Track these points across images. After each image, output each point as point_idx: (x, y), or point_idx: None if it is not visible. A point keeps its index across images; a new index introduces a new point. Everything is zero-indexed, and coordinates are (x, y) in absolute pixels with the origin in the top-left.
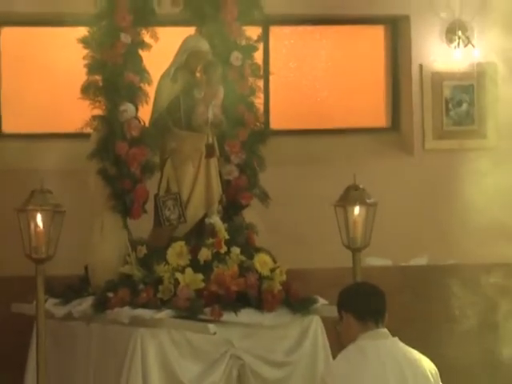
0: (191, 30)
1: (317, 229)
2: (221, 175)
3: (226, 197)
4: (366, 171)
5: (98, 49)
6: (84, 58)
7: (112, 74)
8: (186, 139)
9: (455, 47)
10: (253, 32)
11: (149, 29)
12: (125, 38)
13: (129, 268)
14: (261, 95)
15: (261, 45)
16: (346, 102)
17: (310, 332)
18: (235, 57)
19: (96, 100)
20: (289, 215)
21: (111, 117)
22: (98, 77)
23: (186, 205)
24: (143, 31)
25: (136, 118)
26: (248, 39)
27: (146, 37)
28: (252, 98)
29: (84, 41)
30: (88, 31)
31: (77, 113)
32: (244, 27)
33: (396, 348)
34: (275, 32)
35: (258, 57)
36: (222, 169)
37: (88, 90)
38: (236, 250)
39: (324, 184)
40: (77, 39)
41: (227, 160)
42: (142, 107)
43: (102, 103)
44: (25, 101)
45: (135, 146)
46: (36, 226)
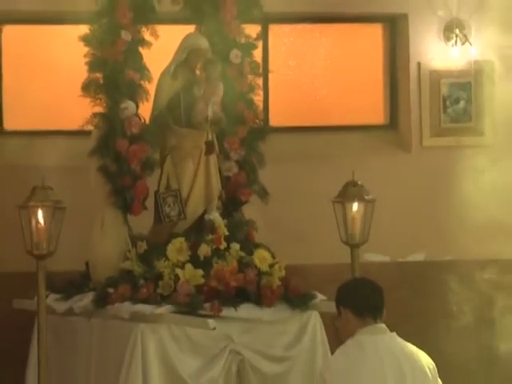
0: (191, 28)
1: (315, 225)
2: (220, 172)
3: (226, 193)
4: (365, 168)
5: (99, 46)
6: (85, 56)
7: (113, 72)
8: (186, 136)
9: (453, 45)
10: (252, 30)
11: (149, 27)
12: (125, 36)
13: (129, 264)
14: (260, 93)
15: (260, 43)
16: (345, 100)
17: (309, 327)
18: (235, 55)
19: (97, 97)
20: (288, 211)
21: (112, 114)
22: (99, 74)
23: (186, 201)
24: (143, 29)
25: (136, 116)
26: (247, 37)
27: (147, 34)
28: (251, 96)
29: (85, 39)
30: (89, 29)
31: (78, 110)
32: (243, 25)
33: (394, 343)
34: (274, 30)
35: (258, 55)
36: (222, 165)
37: (89, 88)
38: (235, 246)
39: (323, 180)
40: (78, 37)
41: (227, 157)
42: (143, 104)
43: (103, 100)
44: (26, 98)
45: (135, 143)
46: (37, 223)
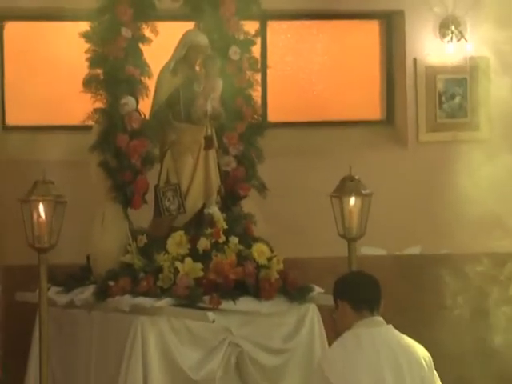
0: (190, 25)
1: (313, 219)
2: (219, 166)
3: (225, 187)
4: (362, 163)
5: (100, 43)
6: (86, 52)
7: (113, 68)
8: (186, 131)
9: (448, 41)
10: (251, 27)
11: (149, 23)
12: (126, 33)
13: (129, 257)
14: (258, 88)
15: (258, 39)
16: (342, 95)
17: (307, 320)
18: (233, 51)
19: (97, 93)
20: (286, 206)
21: (112, 109)
22: (100, 70)
23: (186, 195)
24: (143, 26)
25: (136, 111)
26: (246, 34)
27: (147, 31)
28: (250, 91)
29: (86, 35)
30: (89, 26)
31: (79, 106)
32: (242, 22)
33: (390, 335)
34: (273, 27)
35: (256, 51)
36: (221, 160)
37: (90, 84)
38: (234, 240)
39: (320, 175)
40: (79, 33)
41: (225, 152)
42: (143, 100)
43: (104, 96)
44: (28, 94)
45: (136, 138)
46: (39, 216)
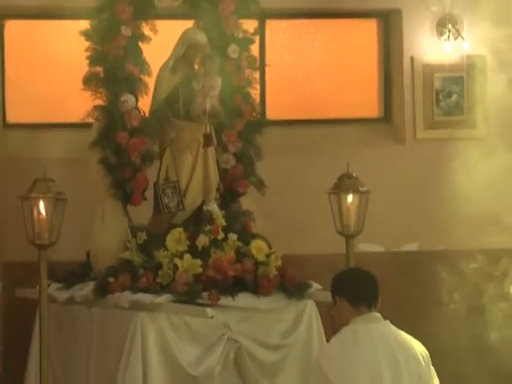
0: (190, 24)
1: (311, 216)
2: (218, 164)
3: (224, 185)
4: (359, 160)
5: (99, 41)
6: (86, 50)
7: (113, 66)
8: (185, 129)
9: (445, 40)
10: (249, 25)
11: (148, 22)
12: (125, 31)
13: (129, 254)
14: (257, 86)
15: (257, 38)
16: (340, 93)
17: (305, 316)
18: (232, 49)
19: (97, 91)
20: (284, 203)
21: (112, 107)
22: (100, 68)
23: (185, 192)
24: (143, 24)
25: (136, 109)
26: (245, 32)
27: (146, 29)
28: (248, 89)
29: (86, 33)
30: (89, 24)
31: (79, 103)
32: (241, 20)
33: (388, 331)
34: (271, 25)
35: (255, 49)
36: (220, 158)
37: (89, 82)
38: (233, 237)
39: (318, 172)
40: (79, 32)
41: (224, 149)
42: (142, 98)
43: (103, 94)
44: (28, 92)
45: (135, 136)
46: (39, 213)
